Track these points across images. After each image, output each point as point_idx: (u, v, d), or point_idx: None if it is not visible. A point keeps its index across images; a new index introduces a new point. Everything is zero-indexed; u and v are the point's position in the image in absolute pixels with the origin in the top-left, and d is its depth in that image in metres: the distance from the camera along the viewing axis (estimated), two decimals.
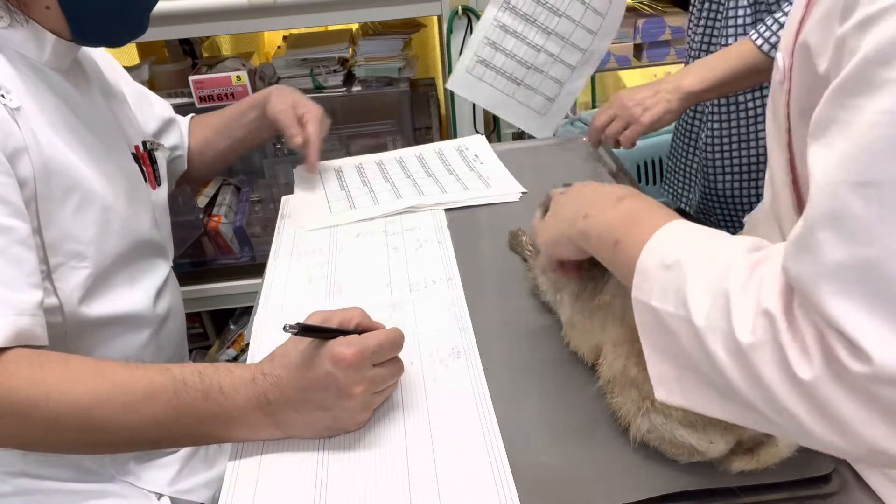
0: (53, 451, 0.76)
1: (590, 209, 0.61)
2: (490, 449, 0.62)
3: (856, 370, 0.38)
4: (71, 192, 0.77)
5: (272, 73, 1.76)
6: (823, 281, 0.39)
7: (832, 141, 0.41)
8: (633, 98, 1.11)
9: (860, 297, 0.38)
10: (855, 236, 0.38)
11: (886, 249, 0.37)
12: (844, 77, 0.40)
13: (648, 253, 0.52)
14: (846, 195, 0.38)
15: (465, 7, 1.64)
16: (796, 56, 0.54)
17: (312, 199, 1.13)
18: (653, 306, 0.50)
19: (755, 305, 0.43)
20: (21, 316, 0.65)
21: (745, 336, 0.43)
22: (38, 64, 0.79)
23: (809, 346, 0.41)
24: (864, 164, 0.38)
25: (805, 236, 0.41)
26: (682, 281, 0.48)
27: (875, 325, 0.38)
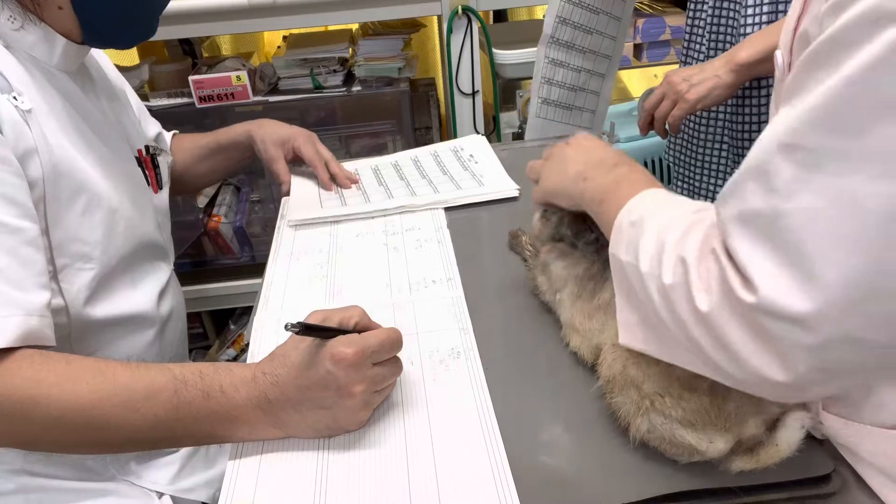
0: (55, 451, 0.76)
1: (589, 172, 0.68)
2: (490, 449, 0.62)
3: (744, 299, 0.44)
4: (78, 194, 0.77)
5: (272, 73, 1.76)
6: (738, 222, 0.46)
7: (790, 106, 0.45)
8: (680, 74, 1.08)
9: (764, 241, 0.44)
10: (774, 190, 0.44)
11: (796, 206, 0.42)
12: (811, 50, 0.44)
13: (623, 213, 0.60)
14: (775, 153, 0.44)
15: (465, 7, 1.64)
16: (795, 49, 0.55)
17: (305, 197, 1.13)
18: (619, 258, 0.58)
19: (678, 253, 0.50)
20: (30, 316, 0.65)
21: (667, 278, 0.50)
22: (48, 66, 0.79)
23: (711, 283, 0.47)
24: (795, 129, 0.43)
25: (736, 183, 0.47)
26: (640, 235, 0.55)
27: (769, 264, 0.43)
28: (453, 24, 1.65)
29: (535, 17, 2.24)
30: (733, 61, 1.03)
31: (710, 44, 1.18)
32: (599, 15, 1.24)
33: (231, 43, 2.15)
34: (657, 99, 1.11)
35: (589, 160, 0.70)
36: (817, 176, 0.42)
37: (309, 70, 1.74)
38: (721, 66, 1.04)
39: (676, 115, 1.08)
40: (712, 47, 1.17)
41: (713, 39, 1.17)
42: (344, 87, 1.76)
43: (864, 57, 0.39)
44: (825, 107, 0.41)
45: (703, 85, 1.04)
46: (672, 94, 1.08)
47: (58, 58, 0.79)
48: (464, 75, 1.72)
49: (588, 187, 0.67)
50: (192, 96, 1.70)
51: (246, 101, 1.73)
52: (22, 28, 0.76)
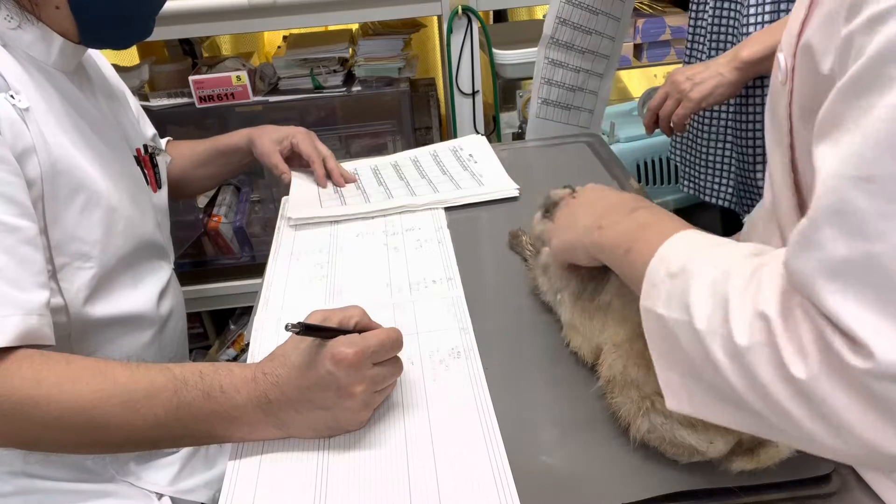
0: (55, 451, 0.76)
1: (603, 220, 0.63)
2: (490, 449, 0.62)
3: (856, 365, 0.38)
4: (77, 193, 0.77)
5: (272, 73, 1.76)
6: (825, 276, 0.39)
7: (838, 139, 0.41)
8: (683, 73, 1.07)
9: (861, 293, 0.38)
10: (857, 231, 0.38)
11: (889, 245, 0.37)
12: (853, 75, 0.40)
13: (656, 262, 0.53)
14: (849, 190, 0.38)
15: (465, 7, 1.64)
16: (799, 56, 0.54)
17: (305, 197, 1.13)
18: (659, 313, 0.51)
19: (752, 308, 0.43)
20: (29, 315, 0.65)
21: (741, 338, 0.43)
22: (45, 65, 0.79)
23: (806, 345, 0.41)
24: (867, 159, 0.38)
25: (808, 232, 0.41)
26: (686, 287, 0.49)
27: (876, 319, 0.37)
28: (453, 24, 1.65)
29: (535, 17, 2.24)
30: (737, 59, 1.03)
31: (711, 44, 1.18)
32: (599, 15, 1.25)
33: (231, 43, 2.15)
34: (661, 98, 1.11)
35: (600, 208, 0.65)
36: None
37: (309, 70, 1.74)
38: (725, 64, 1.04)
39: (681, 113, 1.08)
40: (713, 47, 1.17)
41: (714, 39, 1.17)
42: (344, 87, 1.76)
43: None
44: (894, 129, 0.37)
45: (706, 83, 1.04)
46: (676, 93, 1.07)
47: (55, 57, 0.79)
48: (464, 75, 1.72)
49: (606, 236, 0.61)
50: (192, 96, 1.70)
51: (246, 101, 1.73)
52: (19, 27, 0.76)
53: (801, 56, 0.53)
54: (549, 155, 1.27)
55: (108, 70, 0.99)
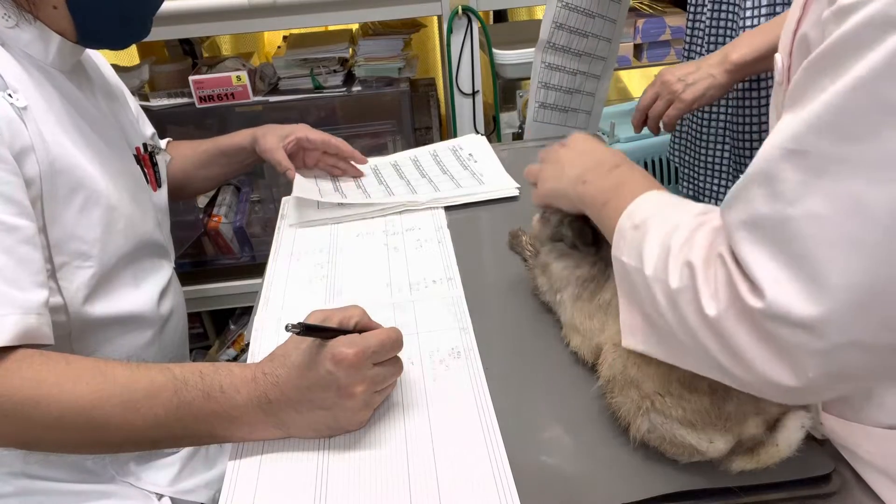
0: (55, 451, 0.76)
1: (588, 175, 0.68)
2: (490, 449, 0.62)
3: (752, 305, 0.44)
4: (76, 192, 0.77)
5: (272, 73, 1.76)
6: (745, 227, 0.46)
7: (794, 112, 0.45)
8: (674, 74, 1.07)
9: (770, 246, 0.44)
10: (779, 196, 0.44)
11: (803, 212, 0.43)
12: (815, 55, 0.44)
13: (625, 215, 0.60)
14: (781, 159, 0.44)
15: (465, 7, 1.64)
16: (794, 53, 0.55)
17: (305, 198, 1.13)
18: (623, 261, 0.58)
19: (684, 257, 0.50)
20: (27, 315, 0.65)
21: (674, 282, 0.51)
22: (44, 64, 0.79)
23: (718, 288, 0.47)
24: (801, 134, 0.43)
25: (741, 188, 0.47)
26: (643, 238, 0.55)
27: (776, 269, 0.44)
28: (453, 24, 1.65)
29: (535, 17, 2.24)
30: (728, 61, 1.02)
31: (709, 46, 1.17)
32: (595, 18, 1.24)
33: (231, 43, 2.15)
34: (651, 98, 1.10)
35: (587, 162, 0.70)
36: (823, 181, 0.42)
37: (309, 70, 1.74)
38: (715, 66, 1.03)
39: (672, 115, 1.08)
40: (711, 47, 1.17)
41: (712, 40, 1.17)
42: (344, 87, 1.76)
43: (870, 62, 0.39)
44: (831, 112, 0.42)
45: (698, 85, 1.04)
46: (667, 93, 1.07)
47: (53, 56, 0.79)
48: (464, 75, 1.72)
49: (588, 190, 0.67)
50: (193, 96, 1.70)
51: (246, 101, 1.73)
52: (17, 26, 0.76)
53: (797, 52, 0.54)
54: None
55: (107, 69, 0.99)
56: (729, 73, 1.02)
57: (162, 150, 1.04)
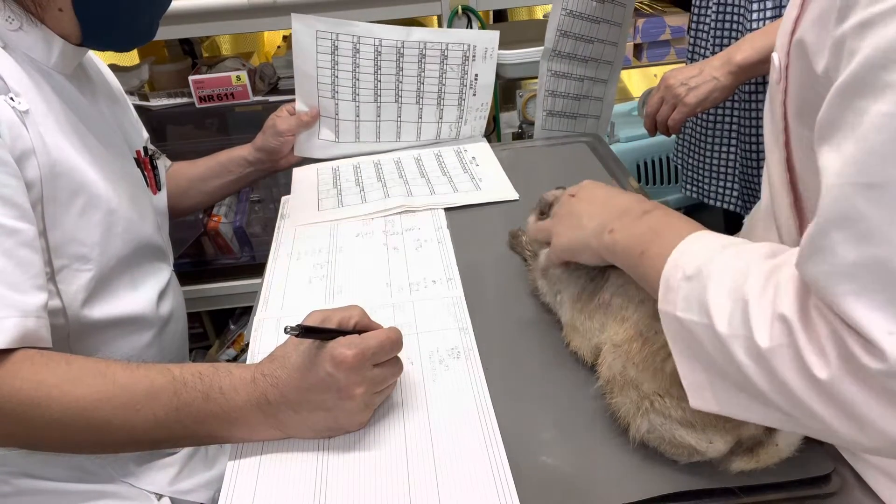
0: (55, 451, 0.76)
1: (615, 223, 0.63)
2: (490, 449, 0.62)
3: (871, 366, 0.39)
4: (76, 195, 0.77)
5: (272, 73, 1.76)
6: (837, 280, 0.41)
7: (839, 143, 0.42)
8: (677, 77, 1.06)
9: (873, 295, 0.39)
10: (866, 237, 0.39)
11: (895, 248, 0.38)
12: (847, 79, 0.41)
13: (671, 265, 0.53)
14: (855, 197, 0.40)
15: (465, 7, 1.64)
16: (792, 55, 0.54)
17: (306, 197, 1.14)
18: (678, 316, 0.51)
19: (772, 310, 0.45)
20: (26, 318, 0.65)
21: (763, 340, 0.44)
22: (46, 67, 0.79)
23: (825, 346, 0.42)
24: (870, 167, 0.39)
25: (817, 238, 0.42)
26: (704, 290, 0.49)
27: (886, 321, 0.39)
28: (453, 24, 1.65)
29: (535, 16, 2.24)
30: (731, 62, 1.02)
31: (714, 47, 1.17)
32: (600, 24, 1.24)
33: (231, 43, 2.15)
34: (657, 102, 1.10)
35: (609, 210, 0.65)
36: None
37: None
38: (719, 68, 1.03)
39: (677, 118, 1.07)
40: (716, 46, 1.16)
41: (717, 40, 1.16)
42: None
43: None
44: (893, 135, 0.38)
45: (701, 88, 1.04)
46: (671, 97, 1.07)
47: (55, 59, 0.79)
48: None
49: (618, 240, 0.61)
50: (192, 96, 1.70)
51: (246, 101, 1.73)
52: (20, 29, 0.76)
53: (795, 54, 0.54)
54: (549, 155, 1.27)
55: (108, 71, 0.99)
56: (733, 74, 1.02)
57: (161, 155, 1.04)
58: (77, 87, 0.84)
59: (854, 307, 0.40)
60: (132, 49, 0.89)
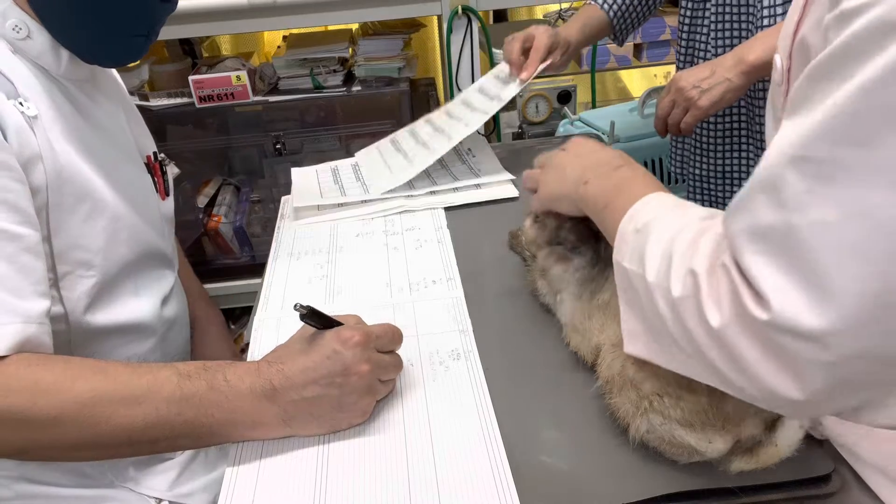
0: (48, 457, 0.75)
1: (589, 175, 0.67)
2: (490, 449, 0.62)
3: (757, 316, 0.43)
4: (82, 201, 0.77)
5: (272, 73, 1.76)
6: (749, 237, 0.45)
7: (795, 119, 0.44)
8: (688, 80, 1.04)
9: (776, 256, 0.43)
10: (784, 204, 0.43)
11: (809, 219, 0.41)
12: (817, 62, 0.43)
13: (627, 218, 0.58)
14: (785, 166, 0.43)
15: (465, 7, 1.64)
16: (794, 57, 0.54)
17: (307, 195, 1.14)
18: (624, 266, 0.56)
19: (687, 265, 0.49)
20: (28, 324, 0.65)
21: (676, 290, 0.49)
22: (55, 74, 0.79)
23: (722, 297, 0.46)
24: (807, 141, 0.42)
25: (744, 197, 0.46)
26: (645, 243, 0.54)
27: (782, 280, 0.42)
28: (453, 23, 1.65)
29: (535, 16, 2.25)
30: (744, 62, 1.00)
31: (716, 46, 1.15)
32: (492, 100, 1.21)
33: (231, 43, 2.15)
34: (669, 106, 1.07)
35: (588, 163, 0.69)
36: (829, 188, 0.41)
37: (309, 70, 1.74)
38: (731, 68, 1.01)
39: (689, 122, 1.05)
40: (720, 45, 1.15)
41: (719, 40, 1.14)
42: (344, 86, 1.76)
43: (875, 67, 0.39)
44: (836, 118, 0.41)
45: (714, 91, 1.01)
46: (682, 100, 1.04)
47: (65, 66, 0.79)
48: (464, 75, 1.72)
49: (589, 191, 0.66)
50: (192, 96, 1.70)
51: (246, 101, 1.73)
52: (28, 37, 0.76)
53: (797, 55, 0.54)
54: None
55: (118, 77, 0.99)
56: (745, 74, 1.00)
57: (170, 162, 1.04)
58: (86, 94, 0.83)
59: (755, 262, 0.44)
60: (122, 65, 0.88)
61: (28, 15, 0.75)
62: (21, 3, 0.75)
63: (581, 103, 2.06)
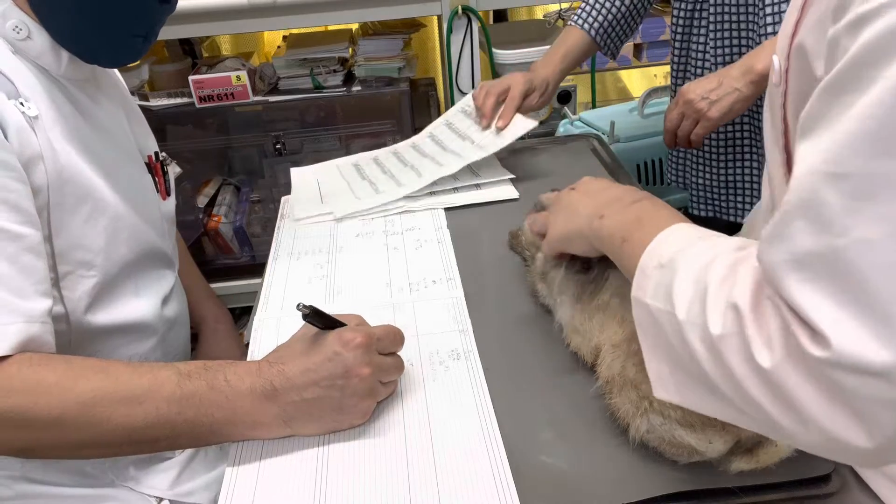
0: (51, 455, 0.76)
1: (605, 210, 0.63)
2: (490, 449, 0.62)
3: (814, 355, 0.39)
4: (83, 202, 0.77)
5: (272, 73, 1.76)
6: (792, 268, 0.41)
7: (819, 136, 0.42)
8: (696, 92, 1.03)
9: (825, 285, 0.39)
10: (825, 226, 0.39)
11: (854, 240, 0.38)
12: (834, 75, 0.41)
13: (648, 253, 0.54)
14: (820, 186, 0.40)
15: (465, 7, 1.64)
16: (792, 58, 0.54)
17: (309, 195, 1.13)
18: (647, 303, 0.52)
19: (726, 299, 0.45)
20: (31, 323, 0.65)
21: (715, 328, 0.45)
22: (56, 74, 0.79)
23: (772, 335, 0.42)
24: (839, 156, 0.39)
25: (779, 225, 0.42)
26: (672, 278, 0.50)
27: (836, 311, 0.38)
28: (453, 23, 1.65)
29: (535, 16, 2.25)
30: (753, 71, 0.99)
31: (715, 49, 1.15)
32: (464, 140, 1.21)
33: (231, 43, 2.15)
34: (678, 119, 1.07)
35: (602, 199, 0.66)
36: (872, 204, 0.38)
37: (309, 70, 1.74)
38: (739, 78, 1.00)
39: (700, 133, 1.05)
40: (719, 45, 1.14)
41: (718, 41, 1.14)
42: (344, 86, 1.76)
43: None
44: (869, 128, 0.38)
45: (723, 101, 1.01)
46: (692, 112, 1.04)
47: (65, 66, 0.79)
48: (464, 75, 1.72)
49: (605, 225, 0.62)
50: (192, 96, 1.70)
51: (246, 101, 1.73)
52: (28, 38, 0.76)
53: (795, 57, 0.54)
54: (550, 155, 1.26)
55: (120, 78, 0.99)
56: (755, 84, 0.99)
57: (172, 161, 1.04)
58: (87, 94, 0.83)
59: (803, 294, 0.40)
60: (120, 66, 0.88)
61: (28, 15, 0.75)
62: (21, 3, 0.75)
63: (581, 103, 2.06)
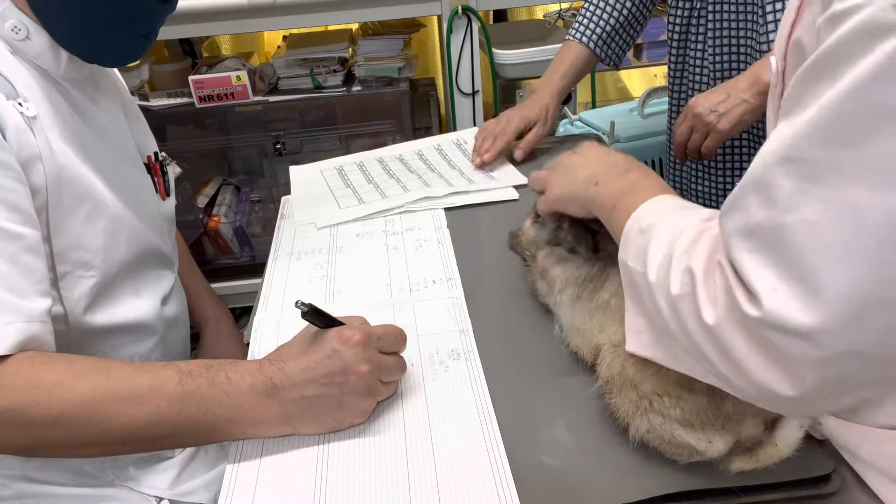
0: (52, 454, 0.76)
1: (601, 177, 0.67)
2: (490, 449, 0.62)
3: (749, 314, 0.44)
4: (82, 202, 0.77)
5: (272, 73, 1.76)
6: (741, 236, 0.46)
7: (787, 120, 0.45)
8: (704, 105, 1.04)
9: (766, 253, 0.44)
10: (775, 203, 0.44)
11: (798, 219, 0.42)
12: (809, 64, 0.44)
13: (633, 219, 0.60)
14: (775, 167, 0.44)
15: (465, 7, 1.64)
16: (789, 58, 0.55)
17: (316, 196, 1.13)
18: (628, 265, 0.58)
19: (686, 264, 0.51)
20: (31, 323, 0.65)
21: (675, 289, 0.51)
22: (54, 75, 0.79)
23: (717, 295, 0.47)
24: (795, 141, 0.43)
25: (737, 196, 0.47)
26: (648, 243, 0.56)
27: (772, 278, 0.43)
28: (453, 23, 1.65)
29: (535, 16, 2.25)
30: (761, 82, 0.99)
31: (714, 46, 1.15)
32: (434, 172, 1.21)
33: (231, 43, 2.15)
34: (687, 132, 1.07)
35: (599, 165, 0.69)
36: (818, 188, 0.42)
37: (309, 70, 1.74)
38: (746, 89, 1.00)
39: (710, 146, 1.05)
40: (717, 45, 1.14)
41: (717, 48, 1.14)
42: (344, 86, 1.76)
43: (863, 69, 0.39)
44: (825, 119, 0.41)
45: (732, 113, 1.01)
46: (701, 125, 1.04)
47: (64, 66, 0.79)
48: (464, 75, 1.72)
49: (600, 191, 0.66)
50: (192, 96, 1.70)
51: (246, 101, 1.73)
52: (27, 38, 0.76)
53: (791, 56, 0.54)
54: (550, 155, 1.26)
55: (119, 78, 0.99)
56: (762, 94, 0.99)
57: (172, 161, 1.04)
58: (86, 95, 0.83)
59: (747, 260, 0.45)
60: (120, 65, 0.88)
61: (27, 16, 0.75)
62: (20, 4, 0.75)
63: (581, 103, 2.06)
